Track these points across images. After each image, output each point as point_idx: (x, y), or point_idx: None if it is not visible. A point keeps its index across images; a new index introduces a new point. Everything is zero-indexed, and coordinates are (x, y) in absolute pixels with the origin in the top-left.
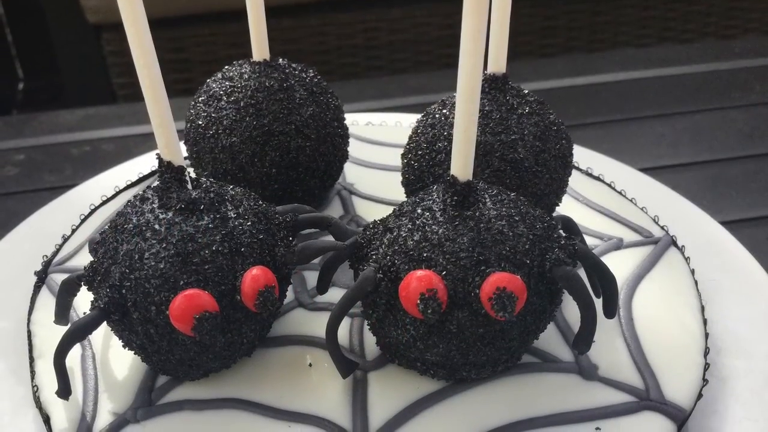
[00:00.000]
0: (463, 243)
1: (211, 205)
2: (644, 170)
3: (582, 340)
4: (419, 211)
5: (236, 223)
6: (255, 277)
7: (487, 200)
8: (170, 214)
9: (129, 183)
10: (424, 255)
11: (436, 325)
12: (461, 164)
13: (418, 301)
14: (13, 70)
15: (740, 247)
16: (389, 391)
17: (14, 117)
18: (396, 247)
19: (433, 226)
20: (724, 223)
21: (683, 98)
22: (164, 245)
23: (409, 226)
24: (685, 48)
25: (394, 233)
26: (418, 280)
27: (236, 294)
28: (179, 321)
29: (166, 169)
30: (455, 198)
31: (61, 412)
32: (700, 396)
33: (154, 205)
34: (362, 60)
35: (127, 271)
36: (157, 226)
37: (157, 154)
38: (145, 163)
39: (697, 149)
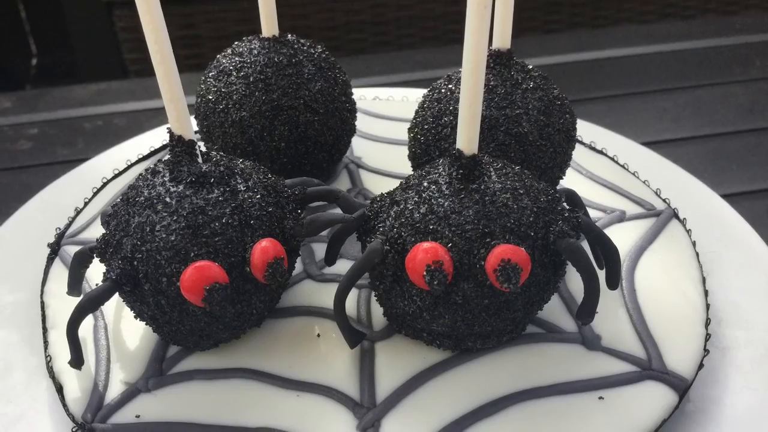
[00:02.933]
0: (468, 215)
1: (221, 179)
2: (646, 144)
3: (585, 311)
4: (425, 184)
5: (246, 195)
6: (264, 249)
7: (492, 173)
8: (181, 187)
9: (140, 157)
10: (431, 227)
11: (442, 296)
12: (467, 138)
13: (425, 273)
14: (26, 45)
15: (741, 220)
16: (396, 361)
17: (28, 92)
18: (403, 220)
19: (439, 199)
20: (724, 196)
21: (685, 73)
22: (175, 218)
23: (416, 199)
24: (686, 24)
25: (401, 206)
26: (424, 252)
27: (246, 266)
28: (190, 292)
29: (177, 143)
30: (461, 171)
31: (73, 382)
32: (701, 366)
33: (165, 179)
34: (370, 36)
35: (139, 243)
36: (168, 199)
37: (168, 128)
38: (157, 137)
39: (699, 123)
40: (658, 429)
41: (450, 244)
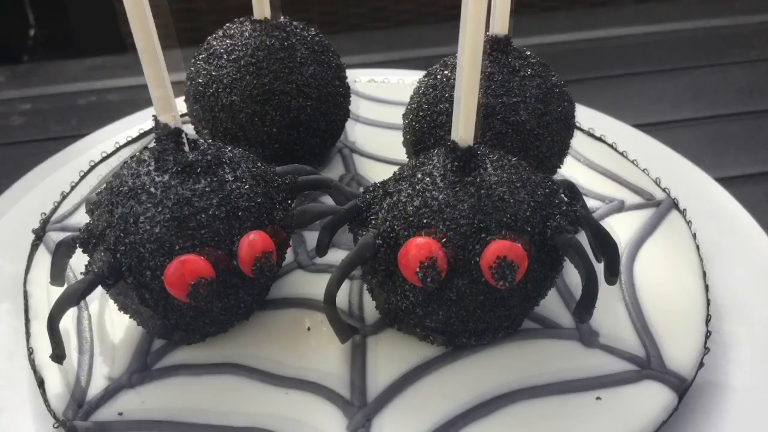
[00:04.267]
0: (463, 209)
1: (208, 168)
2: (645, 126)
3: (583, 309)
4: (419, 175)
5: (234, 186)
6: (252, 242)
7: (489, 165)
8: (166, 176)
9: (129, 139)
10: (424, 221)
11: (435, 292)
12: (463, 129)
13: (418, 269)
14: (24, 16)
15: (741, 209)
16: (388, 357)
17: (22, 66)
18: (396, 213)
19: (434, 192)
20: (723, 180)
21: (684, 55)
22: (160, 209)
23: (409, 191)
24: (686, 4)
25: (394, 198)
26: (417, 248)
27: (233, 259)
28: (174, 287)
29: (162, 130)
30: (456, 163)
31: (55, 376)
32: (701, 365)
33: (151, 168)
34: (368, 11)
35: (122, 234)
36: (152, 189)
37: (154, 115)
38: (150, 115)
39: (698, 106)
40: (657, 430)
41: (444, 239)
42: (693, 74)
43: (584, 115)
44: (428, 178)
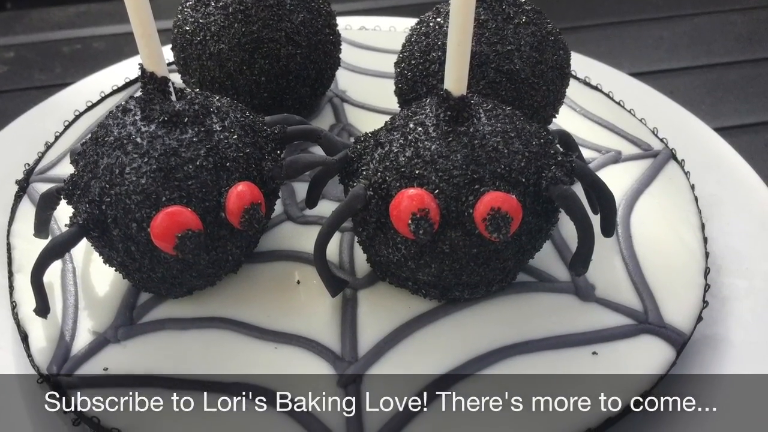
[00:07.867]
0: (456, 160)
1: (195, 118)
2: (642, 75)
3: (579, 262)
4: (411, 125)
5: (222, 136)
6: (240, 193)
7: (482, 115)
8: (153, 126)
9: (115, 88)
10: (416, 172)
11: (428, 245)
12: (455, 78)
13: (410, 221)
14: None
15: (741, 161)
16: (380, 311)
17: (4, 14)
18: (387, 163)
19: (426, 142)
20: (722, 129)
21: (682, 1)
22: (146, 159)
23: (401, 141)
24: None
25: (386, 148)
26: (409, 199)
27: (221, 211)
28: (161, 239)
29: (149, 79)
30: (449, 113)
31: (39, 330)
32: (699, 319)
33: (136, 117)
34: None
35: (108, 186)
36: (138, 140)
37: (140, 64)
38: (136, 64)
39: (696, 53)
40: (655, 385)
41: (437, 191)
42: (691, 21)
43: (580, 64)
44: (420, 128)
